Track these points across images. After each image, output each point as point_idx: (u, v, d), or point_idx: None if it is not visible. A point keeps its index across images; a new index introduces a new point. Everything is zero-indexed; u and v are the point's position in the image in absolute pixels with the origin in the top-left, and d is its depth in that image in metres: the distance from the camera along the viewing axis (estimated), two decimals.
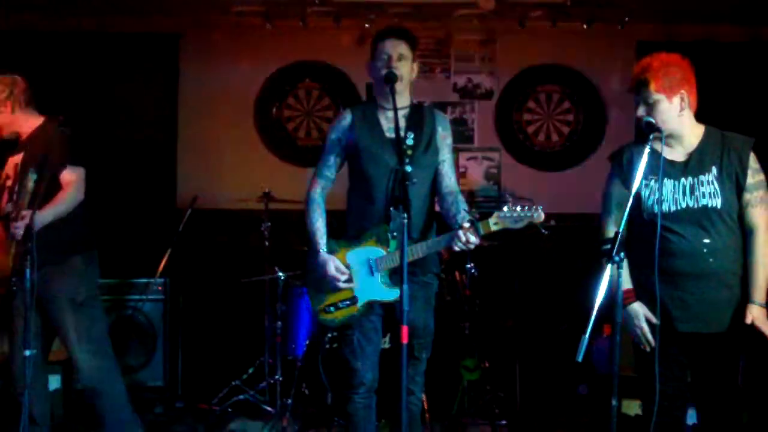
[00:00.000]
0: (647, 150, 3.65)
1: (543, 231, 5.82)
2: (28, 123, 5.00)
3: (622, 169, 4.02)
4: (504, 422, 6.15)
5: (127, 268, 6.83)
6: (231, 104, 7.98)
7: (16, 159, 4.92)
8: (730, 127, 4.02)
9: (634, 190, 3.65)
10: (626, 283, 3.92)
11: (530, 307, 7.29)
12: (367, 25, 7.49)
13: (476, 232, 3.96)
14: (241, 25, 7.86)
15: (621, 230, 3.50)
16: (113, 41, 7.79)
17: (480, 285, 6.49)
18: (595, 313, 3.44)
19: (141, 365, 6.75)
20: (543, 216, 3.96)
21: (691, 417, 4.44)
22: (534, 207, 3.96)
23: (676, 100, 3.84)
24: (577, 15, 7.36)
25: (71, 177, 4.75)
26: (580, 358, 3.35)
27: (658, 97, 3.81)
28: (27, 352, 4.25)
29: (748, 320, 3.78)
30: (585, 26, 7.47)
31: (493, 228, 3.97)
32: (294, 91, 8.05)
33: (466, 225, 3.98)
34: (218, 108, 7.96)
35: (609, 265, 3.43)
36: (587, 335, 3.37)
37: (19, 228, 4.45)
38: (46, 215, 4.56)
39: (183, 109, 8.01)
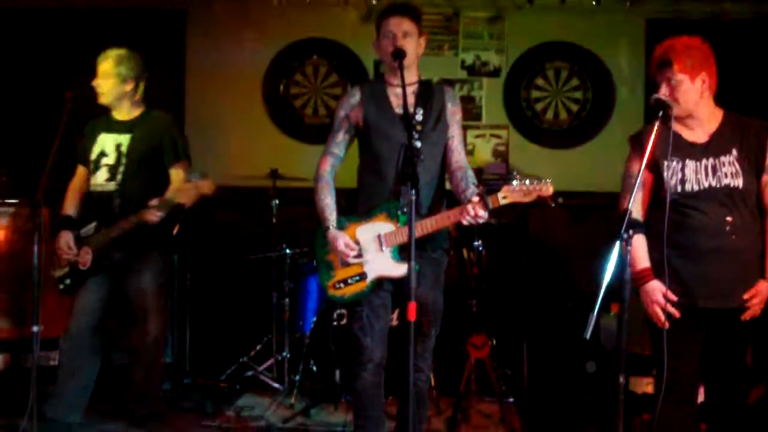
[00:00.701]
0: (656, 126, 3.68)
1: (551, 205, 5.83)
2: (132, 106, 5.26)
3: (642, 149, 4.02)
4: (511, 399, 6.18)
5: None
6: (238, 81, 7.96)
7: (118, 138, 5.16)
8: (739, 104, 4.04)
9: (642, 165, 3.66)
10: (644, 261, 3.94)
11: (538, 284, 7.29)
12: (374, 2, 7.46)
13: (485, 206, 3.95)
14: (248, 1, 7.84)
15: (629, 207, 3.50)
16: (119, 17, 7.77)
17: (487, 262, 6.49)
18: (603, 290, 3.45)
19: None
20: (551, 189, 3.96)
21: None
22: (543, 180, 3.95)
23: (698, 81, 3.89)
24: None
25: (181, 176, 5.14)
26: (587, 336, 3.35)
27: (681, 77, 3.85)
28: (35, 328, 4.29)
29: (749, 293, 3.83)
30: (594, 3, 7.43)
31: (502, 202, 3.97)
32: (301, 68, 8.02)
33: (475, 199, 3.97)
34: (225, 85, 7.94)
35: (617, 243, 3.43)
36: (595, 313, 3.38)
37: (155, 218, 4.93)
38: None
39: (190, 86, 8.00)
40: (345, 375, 5.91)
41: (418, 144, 4.12)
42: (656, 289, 3.89)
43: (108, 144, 5.16)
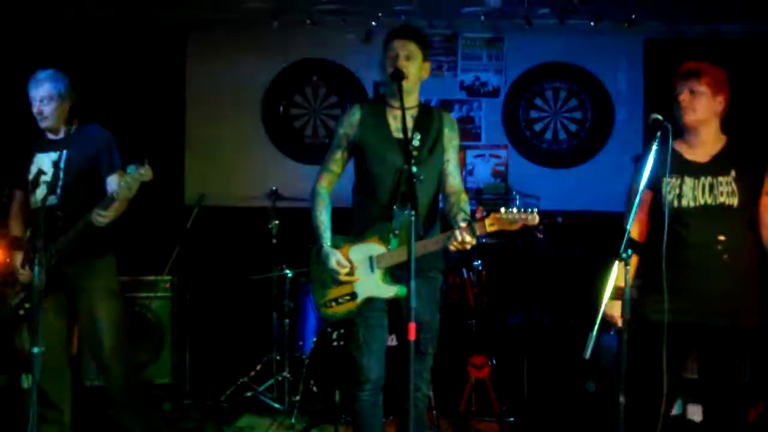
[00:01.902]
0: (654, 147, 3.73)
1: (539, 235, 5.85)
2: (66, 123, 5.12)
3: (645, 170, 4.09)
4: (511, 419, 6.16)
5: (135, 265, 6.84)
6: (238, 102, 8.00)
7: (54, 156, 5.02)
8: (737, 124, 4.10)
9: (641, 187, 3.72)
10: (620, 280, 3.98)
11: (537, 303, 7.29)
12: (373, 23, 7.48)
13: (472, 233, 3.98)
14: (248, 23, 7.87)
15: (628, 228, 3.53)
16: (120, 36, 7.80)
17: (487, 282, 6.50)
18: (602, 309, 3.47)
19: (149, 362, 6.74)
20: (537, 219, 3.97)
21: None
22: (529, 210, 3.97)
23: (717, 99, 4.03)
24: (585, 12, 7.34)
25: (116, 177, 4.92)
26: (587, 355, 3.36)
27: (704, 89, 3.99)
28: (35, 350, 4.26)
29: None
30: (592, 24, 7.45)
31: (489, 229, 3.98)
32: (301, 89, 8.06)
33: (463, 225, 4.00)
34: (225, 106, 7.98)
35: (617, 262, 3.46)
36: (595, 332, 3.39)
37: (103, 221, 4.72)
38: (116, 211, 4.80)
39: (190, 107, 8.03)
40: (345, 395, 5.90)
41: (414, 169, 4.13)
42: (618, 307, 3.88)
43: (44, 162, 5.06)
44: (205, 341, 7.27)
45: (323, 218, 4.30)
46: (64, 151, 5.00)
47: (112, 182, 4.93)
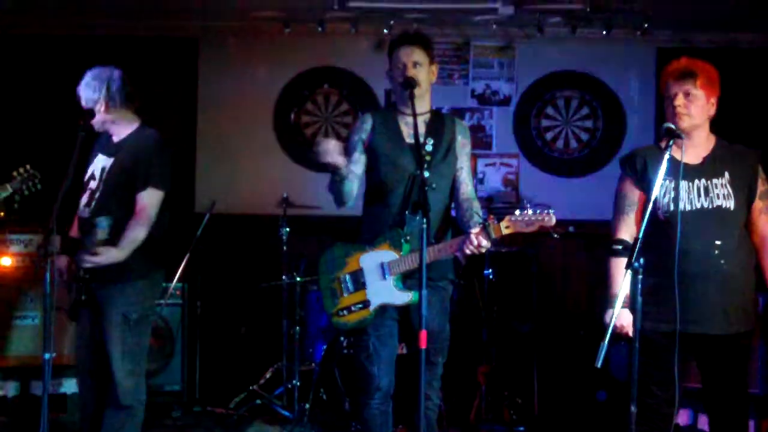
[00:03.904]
0: (667, 156, 3.66)
1: (554, 235, 5.81)
2: (122, 125, 4.76)
3: (636, 172, 4.08)
4: (522, 428, 6.14)
5: None
6: (250, 109, 8.00)
7: (105, 162, 4.69)
8: (749, 134, 4.08)
9: (653, 196, 3.66)
10: (620, 287, 3.97)
11: (548, 312, 7.27)
12: (385, 31, 7.48)
13: (487, 236, 3.95)
14: (260, 31, 7.88)
15: (640, 236, 3.49)
16: (132, 45, 7.82)
17: (497, 291, 6.48)
18: (614, 319, 3.46)
19: (159, 369, 6.73)
20: (554, 220, 3.95)
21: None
22: (546, 210, 3.95)
23: (711, 102, 3.96)
24: (596, 21, 7.34)
25: (147, 202, 4.55)
26: (599, 365, 3.35)
27: (700, 92, 3.90)
28: (46, 356, 4.22)
29: None
30: (604, 33, 7.44)
31: (505, 231, 3.96)
32: (312, 97, 8.06)
33: (477, 229, 3.98)
34: (237, 113, 7.99)
35: (628, 272, 3.43)
36: (606, 341, 3.37)
37: (87, 264, 4.37)
38: (117, 256, 4.40)
39: (202, 114, 8.04)
40: (354, 404, 5.89)
41: (427, 174, 4.12)
42: (626, 316, 3.88)
43: (98, 166, 4.72)
44: (215, 348, 7.27)
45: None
46: (111, 159, 4.67)
47: (138, 207, 4.54)
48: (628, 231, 4.09)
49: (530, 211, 3.94)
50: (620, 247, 4.04)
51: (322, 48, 7.96)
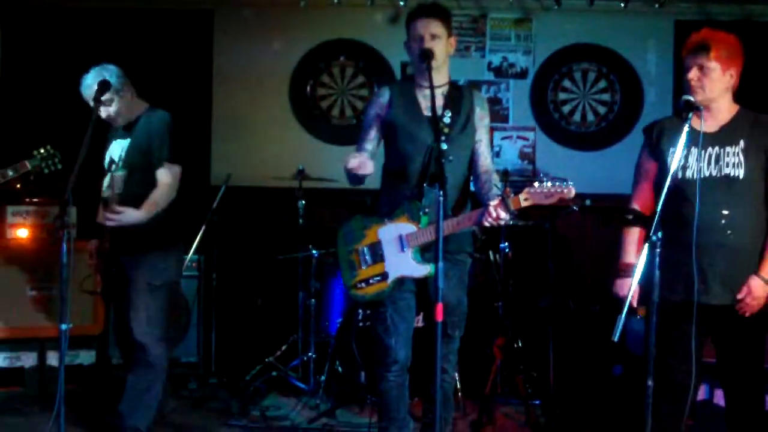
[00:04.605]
0: (686, 128, 3.63)
1: (573, 207, 5.79)
2: (136, 109, 5.11)
3: (652, 141, 4.04)
4: (538, 402, 6.15)
5: None
6: (265, 82, 7.99)
7: (123, 144, 5.04)
8: (765, 105, 4.02)
9: (672, 169, 3.63)
10: (630, 257, 3.96)
11: (564, 287, 7.25)
12: (401, 3, 7.45)
13: (506, 208, 3.93)
14: (276, 3, 7.86)
15: (658, 209, 3.46)
16: (147, 17, 7.82)
17: (514, 265, 6.47)
18: (631, 293, 3.44)
19: (175, 341, 6.75)
20: (573, 192, 3.91)
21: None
22: (565, 182, 3.92)
23: (728, 74, 3.89)
24: None
25: (167, 177, 4.93)
26: (616, 338, 3.33)
27: (714, 65, 3.83)
28: (63, 326, 4.25)
29: (742, 291, 3.79)
30: (622, 5, 7.38)
31: (524, 204, 3.94)
32: (328, 69, 8.03)
33: (496, 201, 3.96)
34: (252, 85, 7.97)
35: (646, 245, 3.41)
36: (623, 315, 3.36)
37: (110, 222, 4.73)
38: (138, 216, 4.77)
39: (217, 87, 8.03)
40: (370, 376, 5.91)
41: (444, 146, 4.11)
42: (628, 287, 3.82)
43: (115, 151, 5.10)
44: (231, 321, 7.31)
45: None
46: (128, 140, 5.02)
47: (161, 181, 4.92)
48: (640, 200, 4.11)
49: (549, 183, 3.91)
50: (630, 216, 4.02)
51: (338, 20, 7.93)
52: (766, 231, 3.88)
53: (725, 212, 3.79)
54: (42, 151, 5.30)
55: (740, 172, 3.81)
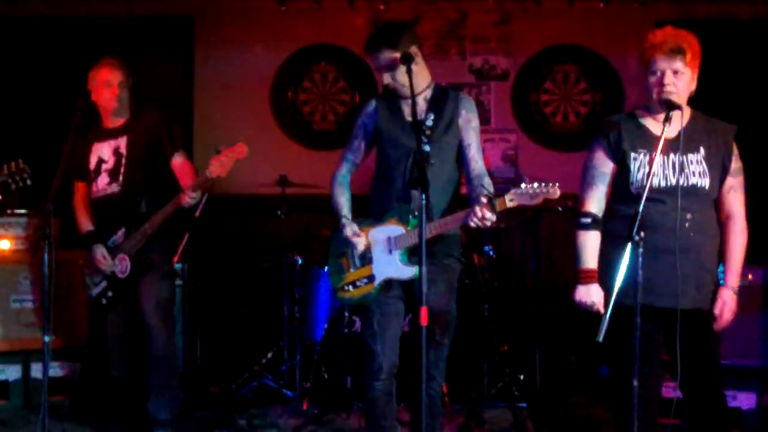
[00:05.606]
0: (665, 130, 3.60)
1: (558, 208, 5.79)
2: (124, 112, 5.29)
3: (609, 142, 3.95)
4: (524, 405, 6.14)
5: None
6: (246, 88, 7.98)
7: (116, 143, 5.20)
8: (747, 106, 4.00)
9: (652, 171, 3.60)
10: (591, 263, 3.92)
11: (549, 288, 7.26)
12: (381, 7, 7.45)
13: (492, 209, 3.92)
14: (256, 8, 7.85)
15: (640, 210, 3.45)
16: (127, 25, 7.79)
17: (498, 267, 6.47)
18: (614, 294, 3.43)
19: None
20: (558, 192, 3.91)
21: None
22: (550, 183, 3.92)
23: (694, 78, 3.84)
24: None
25: (183, 165, 5.26)
26: (601, 339, 3.33)
27: (687, 70, 3.78)
28: (46, 338, 4.23)
29: (718, 306, 3.80)
30: (602, 5, 7.41)
31: (509, 204, 3.93)
32: (310, 75, 8.03)
33: (483, 200, 3.95)
34: (234, 92, 7.96)
35: (629, 246, 3.40)
36: (608, 316, 3.35)
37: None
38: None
39: (198, 93, 8.02)
40: (356, 382, 5.90)
41: (427, 148, 4.12)
42: (596, 292, 3.87)
43: (104, 151, 5.21)
44: (217, 329, 7.27)
45: (342, 199, 4.40)
46: (125, 138, 5.18)
47: (180, 166, 5.21)
48: (597, 204, 3.98)
49: (535, 184, 3.91)
50: (589, 220, 3.95)
51: (318, 25, 7.93)
52: (720, 232, 3.89)
53: (689, 216, 3.77)
54: (12, 164, 5.20)
55: (706, 183, 3.78)
